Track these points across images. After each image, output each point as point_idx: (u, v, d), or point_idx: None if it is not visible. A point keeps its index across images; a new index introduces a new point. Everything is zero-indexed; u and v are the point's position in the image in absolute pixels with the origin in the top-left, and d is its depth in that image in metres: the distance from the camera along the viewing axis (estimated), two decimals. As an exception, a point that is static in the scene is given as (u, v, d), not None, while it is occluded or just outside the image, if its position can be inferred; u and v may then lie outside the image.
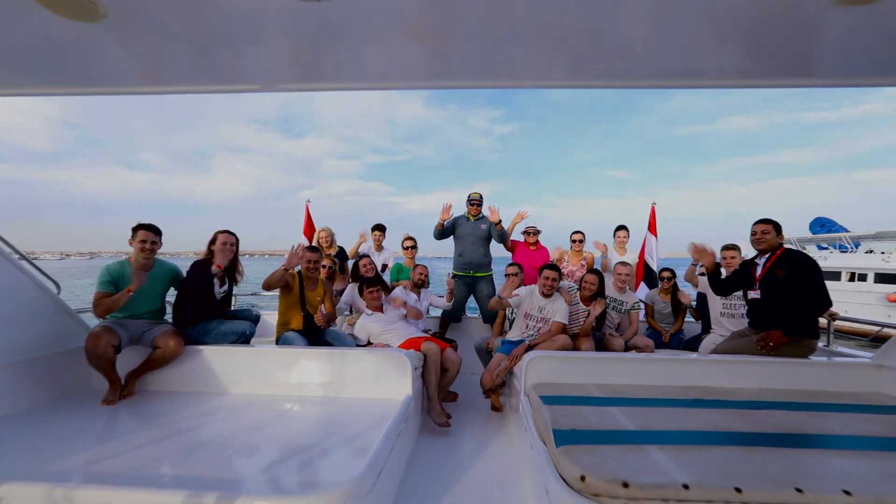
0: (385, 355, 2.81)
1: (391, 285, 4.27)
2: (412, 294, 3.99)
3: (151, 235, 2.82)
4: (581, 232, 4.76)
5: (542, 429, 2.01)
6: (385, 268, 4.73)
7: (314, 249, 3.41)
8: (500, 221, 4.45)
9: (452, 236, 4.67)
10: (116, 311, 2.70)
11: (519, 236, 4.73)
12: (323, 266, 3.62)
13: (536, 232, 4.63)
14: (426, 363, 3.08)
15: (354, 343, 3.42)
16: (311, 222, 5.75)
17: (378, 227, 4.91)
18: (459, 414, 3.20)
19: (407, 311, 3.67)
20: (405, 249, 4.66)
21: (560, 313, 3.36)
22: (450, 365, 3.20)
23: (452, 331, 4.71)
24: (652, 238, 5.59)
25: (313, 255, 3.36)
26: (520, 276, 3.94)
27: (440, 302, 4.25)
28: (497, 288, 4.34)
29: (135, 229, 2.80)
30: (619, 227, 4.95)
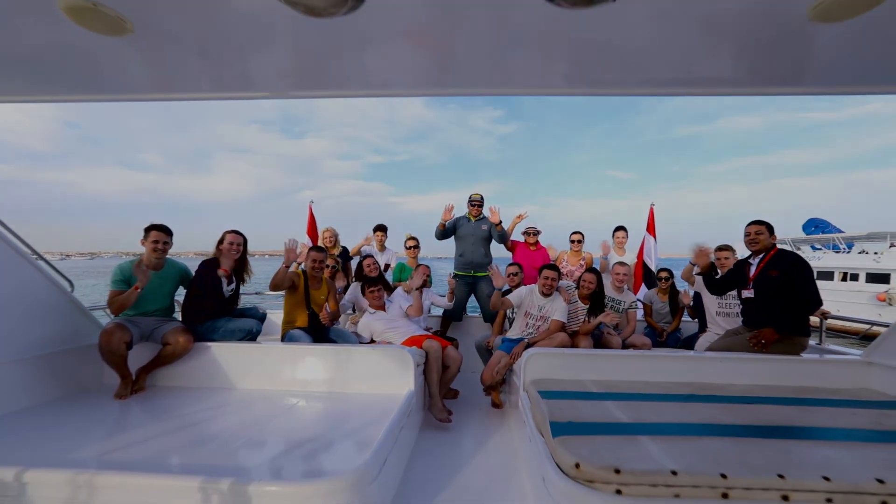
0: (388, 352, 2.88)
1: (393, 285, 4.35)
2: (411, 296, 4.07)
3: (163, 236, 2.91)
4: (580, 232, 4.84)
5: (540, 421, 2.08)
6: (387, 267, 4.80)
7: (319, 249, 3.49)
8: (501, 222, 4.53)
9: (454, 236, 4.74)
10: (128, 309, 2.79)
11: (519, 237, 4.81)
12: (326, 266, 3.70)
13: (536, 232, 4.71)
14: (428, 360, 3.15)
15: (358, 341, 3.50)
16: (315, 223, 5.83)
17: (380, 228, 4.99)
18: (460, 411, 3.26)
19: (413, 299, 3.75)
20: (408, 249, 4.74)
21: (559, 312, 3.43)
22: (451, 362, 3.27)
23: (453, 329, 4.78)
24: (650, 239, 5.66)
25: (318, 255, 3.44)
26: (519, 276, 4.02)
27: (441, 301, 4.32)
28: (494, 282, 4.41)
29: (147, 230, 2.89)
30: (618, 228, 5.02)
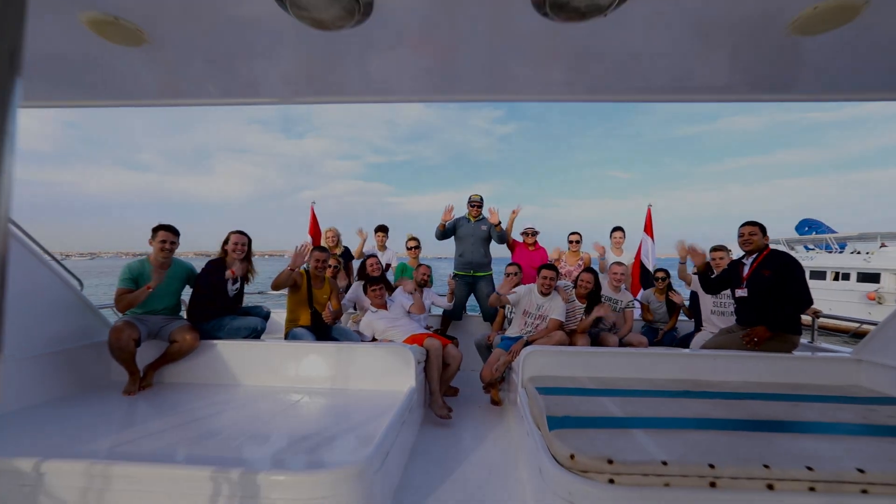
0: (389, 349, 2.94)
1: (394, 284, 4.42)
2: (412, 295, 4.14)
3: (171, 236, 2.99)
4: (578, 233, 4.92)
5: (537, 416, 2.15)
6: (388, 267, 4.88)
7: (322, 249, 3.57)
8: (500, 223, 4.60)
9: (453, 237, 4.81)
10: (135, 307, 2.86)
11: (518, 237, 4.88)
12: (328, 265, 3.77)
13: (535, 233, 4.78)
14: (428, 358, 3.22)
15: (360, 339, 3.56)
16: (317, 223, 5.90)
17: (381, 228, 5.06)
18: (460, 408, 3.32)
19: (413, 299, 3.82)
20: (409, 249, 4.81)
21: (557, 311, 3.50)
22: (451, 360, 3.34)
23: (453, 328, 4.85)
24: (648, 239, 5.72)
25: (321, 255, 3.51)
26: (519, 276, 4.09)
27: (441, 301, 4.39)
28: (497, 287, 4.48)
29: (155, 230, 2.97)
30: (616, 228, 5.09)
